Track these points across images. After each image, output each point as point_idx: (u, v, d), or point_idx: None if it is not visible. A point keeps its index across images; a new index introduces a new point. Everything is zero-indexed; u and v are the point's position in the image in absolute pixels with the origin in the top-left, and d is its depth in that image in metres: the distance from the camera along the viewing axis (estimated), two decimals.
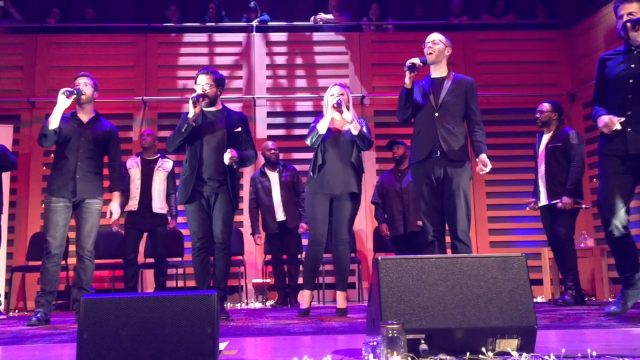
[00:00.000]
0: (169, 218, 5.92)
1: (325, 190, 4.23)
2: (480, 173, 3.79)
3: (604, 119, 3.41)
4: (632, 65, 3.43)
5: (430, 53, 3.94)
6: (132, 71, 7.18)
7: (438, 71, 3.97)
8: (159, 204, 5.79)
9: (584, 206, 5.04)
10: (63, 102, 4.15)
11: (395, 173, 5.82)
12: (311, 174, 4.30)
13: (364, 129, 4.30)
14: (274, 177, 5.98)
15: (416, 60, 3.84)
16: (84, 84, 4.35)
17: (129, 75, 7.17)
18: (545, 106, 5.23)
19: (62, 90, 4.17)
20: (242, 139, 4.28)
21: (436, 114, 3.83)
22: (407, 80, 3.87)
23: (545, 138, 5.22)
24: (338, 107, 4.18)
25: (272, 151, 5.99)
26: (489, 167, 3.77)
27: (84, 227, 4.22)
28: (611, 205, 3.45)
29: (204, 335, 1.85)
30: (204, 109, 4.22)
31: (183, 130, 4.12)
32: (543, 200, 5.17)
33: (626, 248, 3.50)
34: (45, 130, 4.17)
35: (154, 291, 5.97)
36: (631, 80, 3.42)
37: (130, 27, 7.70)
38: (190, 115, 4.09)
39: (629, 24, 3.36)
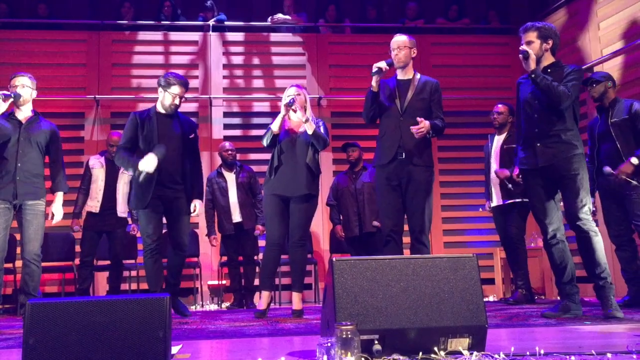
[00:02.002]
0: (129, 220, 5.72)
1: (281, 192, 4.21)
2: (411, 128, 3.79)
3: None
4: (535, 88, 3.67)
5: (399, 59, 4.00)
6: (84, 69, 7.01)
7: (404, 73, 4.07)
8: (122, 208, 5.58)
9: None
10: (0, 106, 3.99)
11: (350, 175, 5.84)
12: (268, 175, 4.30)
13: (321, 129, 4.30)
14: (230, 177, 5.92)
15: (382, 65, 3.88)
16: (22, 86, 4.21)
17: (81, 73, 7.00)
18: (503, 108, 5.35)
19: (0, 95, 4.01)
20: (194, 146, 4.39)
21: (401, 118, 3.92)
22: (373, 83, 3.92)
23: (498, 139, 5.33)
24: (289, 106, 4.18)
25: (229, 152, 5.93)
26: (422, 127, 3.76)
27: (29, 230, 4.12)
28: (544, 216, 3.67)
29: (155, 339, 1.82)
30: (159, 113, 4.27)
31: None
32: (495, 201, 5.28)
33: (562, 258, 3.65)
34: None
35: (106, 294, 5.84)
36: (536, 102, 3.68)
37: (82, 24, 7.51)
38: None
39: (520, 56, 3.63)
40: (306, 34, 7.53)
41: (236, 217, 5.83)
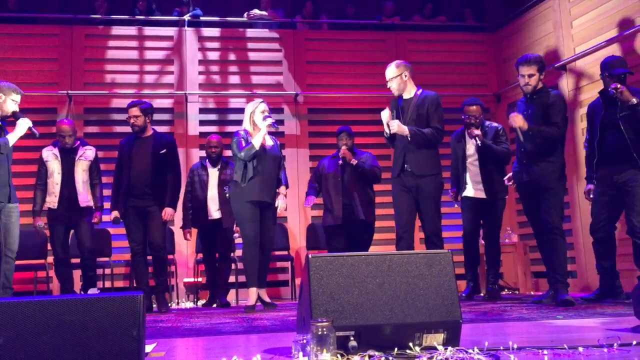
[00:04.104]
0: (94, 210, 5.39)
1: (257, 198, 4.58)
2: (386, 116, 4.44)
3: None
4: (527, 112, 4.32)
5: (393, 90, 4.49)
6: (56, 64, 6.88)
7: (407, 93, 4.51)
8: (85, 197, 5.26)
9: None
10: (21, 133, 4.34)
11: (337, 160, 5.42)
12: (239, 181, 4.59)
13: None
14: (213, 173, 5.74)
15: (387, 129, 4.42)
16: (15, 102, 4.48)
17: (53, 68, 6.87)
18: (476, 109, 5.12)
19: (31, 126, 4.38)
20: (168, 160, 5.01)
21: (391, 130, 4.38)
22: (386, 130, 4.48)
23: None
24: (274, 127, 4.59)
25: (213, 149, 5.75)
26: (392, 124, 4.34)
27: (14, 228, 4.39)
28: (534, 221, 4.41)
29: (129, 338, 1.80)
30: (137, 137, 5.00)
31: None
32: (470, 193, 5.13)
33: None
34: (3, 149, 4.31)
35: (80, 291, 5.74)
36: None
37: (55, 18, 7.39)
38: None
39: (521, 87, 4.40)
40: (283, 30, 7.50)
41: (213, 213, 5.68)
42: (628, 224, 4.22)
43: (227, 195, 4.92)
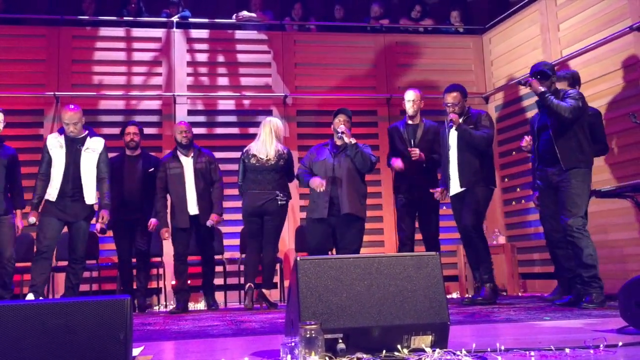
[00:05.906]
0: (97, 206, 4.98)
1: None
2: (410, 150, 5.00)
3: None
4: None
5: (414, 110, 5.12)
6: (43, 65, 6.82)
7: (414, 120, 5.18)
8: (91, 194, 4.84)
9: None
10: None
11: (331, 149, 5.01)
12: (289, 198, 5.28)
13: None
14: (187, 163, 5.32)
15: (397, 165, 4.99)
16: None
17: (40, 70, 6.80)
18: (455, 96, 4.81)
19: None
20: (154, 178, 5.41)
21: (412, 158, 4.95)
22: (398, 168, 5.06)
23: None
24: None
25: (184, 134, 5.32)
26: (414, 153, 4.95)
27: (8, 238, 4.76)
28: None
29: (115, 341, 1.79)
30: (126, 155, 5.55)
31: None
32: (455, 189, 4.82)
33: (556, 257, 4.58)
34: None
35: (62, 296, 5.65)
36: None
37: (42, 19, 7.33)
38: None
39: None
40: (272, 32, 7.49)
41: (192, 208, 5.27)
42: (561, 222, 4.09)
43: (281, 202, 5.21)
